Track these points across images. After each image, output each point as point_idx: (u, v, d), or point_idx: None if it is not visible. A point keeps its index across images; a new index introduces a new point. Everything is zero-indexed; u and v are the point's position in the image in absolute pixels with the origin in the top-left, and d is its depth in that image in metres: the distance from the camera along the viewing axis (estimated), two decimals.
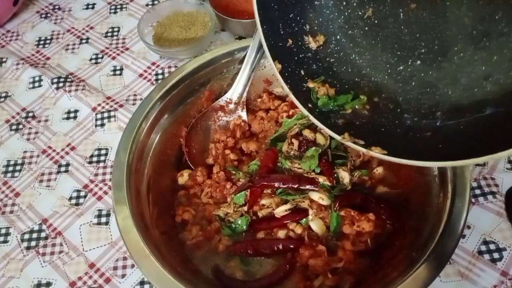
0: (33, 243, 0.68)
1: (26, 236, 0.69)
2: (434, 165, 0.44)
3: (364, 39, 0.53)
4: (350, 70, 0.54)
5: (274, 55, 0.51)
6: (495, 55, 0.44)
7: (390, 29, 0.51)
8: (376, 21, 0.52)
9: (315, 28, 0.54)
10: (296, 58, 0.54)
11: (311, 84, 0.53)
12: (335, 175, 0.61)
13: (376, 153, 0.46)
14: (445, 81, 0.48)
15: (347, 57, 0.54)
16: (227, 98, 0.71)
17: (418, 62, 0.49)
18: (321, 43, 0.54)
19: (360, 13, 0.52)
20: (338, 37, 0.55)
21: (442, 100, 0.48)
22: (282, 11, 0.52)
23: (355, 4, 0.52)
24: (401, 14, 0.49)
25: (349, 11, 0.53)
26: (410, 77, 0.50)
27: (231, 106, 0.71)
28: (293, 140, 0.63)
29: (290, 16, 0.53)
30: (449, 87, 0.47)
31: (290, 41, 0.53)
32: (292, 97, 0.52)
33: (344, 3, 0.53)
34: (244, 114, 0.72)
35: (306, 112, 0.51)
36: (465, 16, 0.45)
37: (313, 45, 0.54)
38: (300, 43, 0.54)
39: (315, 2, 0.54)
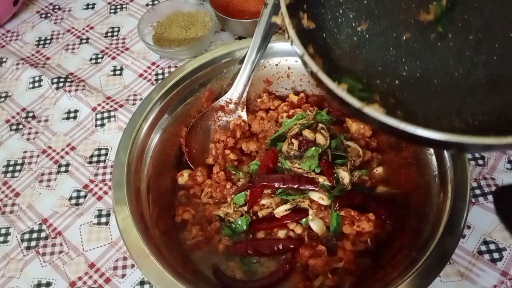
0: (33, 243, 0.68)
1: (26, 236, 0.69)
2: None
3: (349, 46, 0.52)
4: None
5: (303, 40, 0.48)
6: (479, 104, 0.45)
7: (378, 45, 0.51)
8: (367, 36, 0.51)
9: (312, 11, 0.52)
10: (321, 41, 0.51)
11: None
12: (335, 175, 0.61)
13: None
14: (420, 104, 0.47)
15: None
16: (227, 98, 0.71)
17: (397, 82, 0.50)
18: (312, 27, 0.51)
19: (354, 24, 0.52)
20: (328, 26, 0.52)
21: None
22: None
23: (351, 16, 0.52)
24: (393, 38, 0.50)
25: (343, 18, 0.52)
26: (387, 92, 0.50)
27: (231, 106, 0.72)
28: (293, 140, 0.63)
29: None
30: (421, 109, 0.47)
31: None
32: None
33: (341, 11, 0.52)
34: (244, 114, 0.72)
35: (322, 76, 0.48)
36: (451, 59, 0.47)
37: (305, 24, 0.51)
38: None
39: None
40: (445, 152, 0.57)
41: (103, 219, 0.70)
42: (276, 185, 0.60)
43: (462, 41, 0.48)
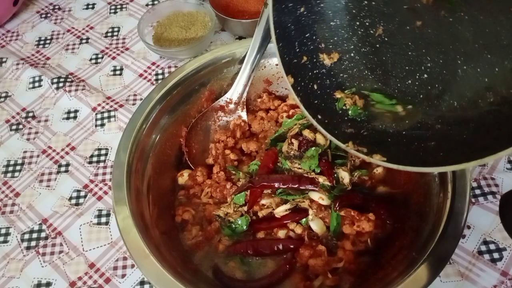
0: (33, 243, 0.68)
1: (26, 236, 0.69)
2: (436, 170, 0.46)
3: (375, 56, 0.56)
4: (362, 85, 0.57)
5: (287, 70, 0.53)
6: (496, 67, 0.46)
7: (399, 45, 0.54)
8: (386, 39, 0.54)
9: (330, 46, 0.57)
10: (310, 73, 0.56)
11: (338, 95, 0.56)
12: (335, 175, 0.61)
13: (376, 160, 0.49)
14: (450, 93, 0.50)
15: (360, 73, 0.57)
16: (227, 98, 0.71)
17: (425, 76, 0.52)
18: (335, 60, 0.57)
19: (371, 31, 0.55)
20: (352, 54, 0.57)
21: (447, 111, 0.50)
22: (298, 30, 0.54)
23: (367, 24, 0.55)
24: (408, 31, 0.52)
25: (362, 30, 0.56)
26: (418, 90, 0.53)
27: (231, 106, 0.71)
28: (293, 140, 0.63)
29: (306, 35, 0.55)
30: (454, 99, 0.50)
31: (305, 58, 0.55)
32: (302, 109, 0.53)
33: (358, 23, 0.56)
34: (244, 114, 0.72)
35: (315, 123, 0.53)
36: (467, 31, 0.48)
37: (327, 62, 0.56)
38: (314, 60, 0.56)
39: (331, 23, 0.56)
40: None
41: (103, 219, 0.70)
42: (276, 185, 0.60)
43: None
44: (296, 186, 0.60)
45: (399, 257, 0.54)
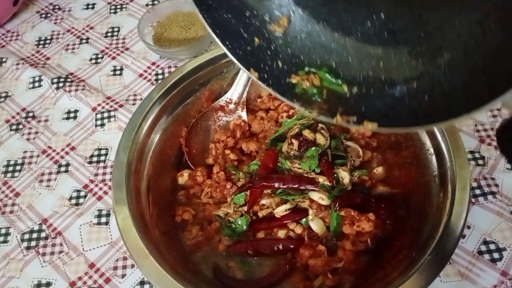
0: (33, 243, 0.68)
1: (26, 236, 0.69)
2: (428, 127, 0.44)
3: (326, 5, 0.52)
4: (323, 38, 0.52)
5: (247, 64, 0.51)
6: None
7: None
8: None
9: (275, 13, 0.53)
10: (269, 52, 0.52)
11: (294, 80, 0.52)
12: (335, 175, 0.61)
13: (368, 126, 0.46)
14: (412, 29, 0.47)
15: (315, 28, 0.52)
16: (227, 98, 0.71)
17: (382, 15, 0.49)
18: (286, 24, 0.53)
19: None
20: (300, 12, 0.53)
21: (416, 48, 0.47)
22: (236, 15, 0.51)
23: None
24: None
25: None
26: (380, 30, 0.49)
27: (231, 106, 0.71)
28: (293, 140, 0.63)
29: (247, 14, 0.52)
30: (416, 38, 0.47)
31: (257, 40, 0.52)
32: (279, 97, 0.51)
33: None
34: (244, 114, 0.72)
35: (294, 105, 0.51)
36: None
37: (279, 30, 0.53)
38: (266, 35, 0.52)
39: None
40: (445, 152, 0.57)
41: (103, 219, 0.70)
42: (276, 185, 0.60)
43: None
44: (296, 186, 0.60)
45: (399, 257, 0.54)
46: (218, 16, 0.49)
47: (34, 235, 0.69)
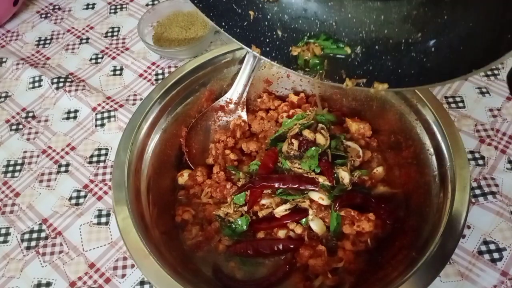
0: (33, 243, 0.68)
1: (26, 236, 0.69)
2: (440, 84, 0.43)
3: None
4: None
5: (247, 42, 0.49)
6: None
7: None
8: None
9: None
10: (266, 22, 0.51)
11: (294, 52, 0.51)
12: (335, 175, 0.61)
13: (379, 87, 0.46)
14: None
15: None
16: (227, 98, 0.71)
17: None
18: None
19: None
20: None
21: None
22: None
23: None
24: None
25: None
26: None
27: (231, 106, 0.71)
28: (293, 140, 0.63)
29: None
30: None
31: (252, 13, 0.51)
32: (285, 69, 0.50)
33: None
34: (244, 114, 0.72)
35: (301, 75, 0.50)
36: None
37: None
38: (261, 5, 0.51)
39: None
40: (445, 152, 0.57)
41: (103, 219, 0.70)
42: (276, 185, 0.60)
43: None
44: (296, 186, 0.60)
45: (399, 257, 0.54)
46: None
47: (34, 235, 0.69)
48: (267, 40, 0.50)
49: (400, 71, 0.46)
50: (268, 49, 0.50)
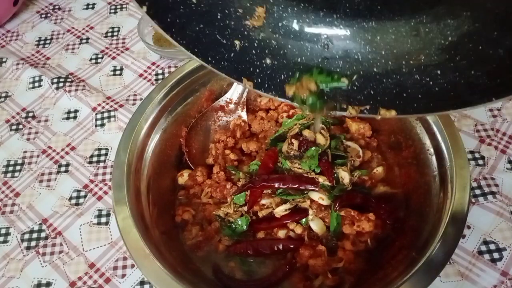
0: (33, 243, 0.68)
1: (26, 236, 0.69)
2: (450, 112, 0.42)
3: None
4: (308, 20, 0.48)
5: (238, 75, 0.47)
6: None
7: None
8: None
9: (248, 5, 0.48)
10: (254, 51, 0.48)
11: (289, 91, 0.48)
12: (335, 175, 0.61)
13: (386, 114, 0.43)
14: None
15: (296, 9, 0.47)
16: (227, 98, 0.71)
17: None
18: (264, 14, 0.48)
19: None
20: None
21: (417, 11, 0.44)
22: (209, 23, 0.47)
23: None
24: None
25: None
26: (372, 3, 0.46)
27: (231, 106, 0.71)
28: (293, 140, 0.63)
29: (219, 17, 0.47)
30: None
31: (238, 42, 0.48)
32: (282, 100, 0.48)
33: None
34: (244, 114, 0.72)
35: (299, 106, 0.47)
36: None
37: (258, 23, 0.48)
38: (246, 33, 0.48)
39: None
40: (445, 152, 0.57)
41: (103, 219, 0.70)
42: (276, 185, 0.60)
43: None
44: (296, 186, 0.60)
45: (399, 257, 0.54)
46: (190, 32, 0.46)
47: (34, 235, 0.69)
48: (257, 70, 0.48)
49: (406, 95, 0.44)
50: (259, 80, 0.48)
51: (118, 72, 0.90)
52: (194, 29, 0.46)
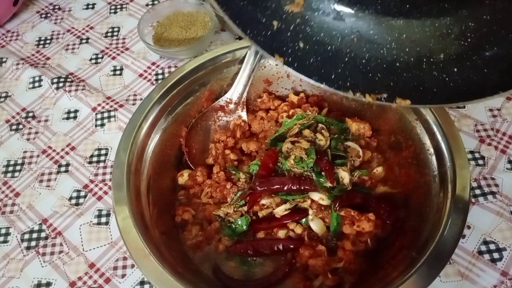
0: (33, 243, 0.68)
1: (26, 236, 0.69)
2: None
3: None
4: (341, 15, 0.52)
5: (271, 50, 0.51)
6: None
7: None
8: None
9: None
10: (288, 33, 0.52)
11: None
12: (335, 175, 0.61)
13: (401, 103, 0.47)
14: None
15: (332, 2, 0.52)
16: (227, 98, 0.71)
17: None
18: (302, 2, 0.52)
19: None
20: None
21: (441, 14, 0.48)
22: (252, 1, 0.50)
23: None
24: None
25: None
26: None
27: (231, 106, 0.71)
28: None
29: None
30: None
31: (276, 23, 0.51)
32: (308, 80, 0.51)
33: None
34: (244, 114, 0.72)
35: (326, 87, 0.51)
36: None
37: (296, 9, 0.52)
38: (284, 16, 0.52)
39: None
40: (445, 152, 0.57)
41: (103, 219, 0.70)
42: (277, 187, 0.60)
43: None
44: (296, 188, 0.60)
45: (399, 257, 0.54)
46: (235, 5, 0.49)
47: (34, 235, 0.69)
48: (289, 51, 0.52)
49: (422, 89, 0.47)
50: (290, 59, 0.51)
51: (118, 72, 0.90)
52: (238, 3, 0.49)
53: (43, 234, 0.69)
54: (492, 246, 0.63)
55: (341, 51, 0.52)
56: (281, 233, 0.61)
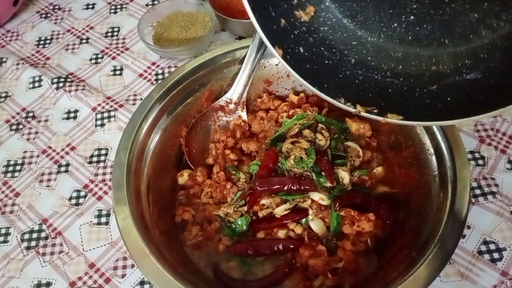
0: (33, 243, 0.68)
1: (26, 236, 0.69)
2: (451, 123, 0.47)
3: (353, 2, 0.54)
4: (345, 34, 0.55)
5: (272, 41, 0.52)
6: (486, 1, 0.46)
7: None
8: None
9: (303, 0, 0.55)
10: (292, 36, 0.54)
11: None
12: (335, 175, 0.61)
13: (393, 119, 0.48)
14: (441, 31, 0.50)
15: (339, 22, 0.55)
16: (227, 98, 0.71)
17: (412, 17, 0.51)
18: (312, 14, 0.55)
19: None
20: (327, 3, 0.55)
21: (440, 50, 0.50)
22: None
23: None
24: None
25: None
26: (405, 32, 0.52)
27: (231, 106, 0.71)
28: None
29: None
30: (444, 37, 0.49)
31: (283, 21, 0.53)
32: (300, 80, 0.52)
33: None
34: (244, 114, 0.72)
35: (316, 91, 0.52)
36: None
37: (305, 18, 0.54)
38: (292, 19, 0.54)
39: None
40: (445, 152, 0.57)
41: (103, 219, 0.70)
42: (277, 187, 0.60)
43: None
44: (296, 188, 0.60)
45: (399, 257, 0.54)
46: None
47: (34, 235, 0.69)
48: (289, 50, 0.53)
49: (414, 111, 0.49)
50: (288, 57, 0.53)
51: (118, 72, 0.90)
52: None
53: (43, 234, 0.69)
54: (492, 246, 0.63)
55: (337, 68, 0.54)
56: (281, 233, 0.61)
